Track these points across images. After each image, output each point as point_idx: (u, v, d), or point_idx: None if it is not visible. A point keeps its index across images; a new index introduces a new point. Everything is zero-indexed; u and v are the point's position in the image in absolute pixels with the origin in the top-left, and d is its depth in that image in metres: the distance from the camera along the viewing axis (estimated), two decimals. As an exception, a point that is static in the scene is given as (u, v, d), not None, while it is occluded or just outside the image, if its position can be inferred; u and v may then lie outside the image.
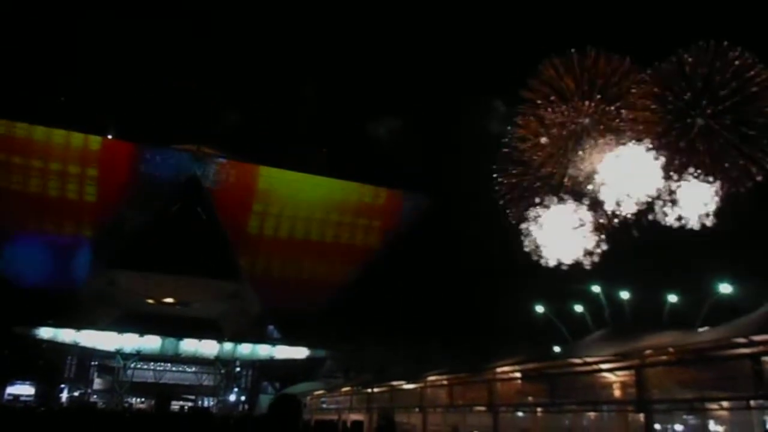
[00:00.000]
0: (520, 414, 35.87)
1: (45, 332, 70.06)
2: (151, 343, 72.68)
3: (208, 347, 75.15)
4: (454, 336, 70.27)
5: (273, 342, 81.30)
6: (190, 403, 69.43)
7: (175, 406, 55.29)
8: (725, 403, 24.65)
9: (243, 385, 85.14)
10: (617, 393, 28.75)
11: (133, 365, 74.12)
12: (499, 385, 35.51)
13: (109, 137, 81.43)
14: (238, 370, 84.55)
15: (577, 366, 30.21)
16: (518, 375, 34.54)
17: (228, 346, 75.67)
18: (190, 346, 74.40)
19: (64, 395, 76.31)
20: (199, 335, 74.04)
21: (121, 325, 71.84)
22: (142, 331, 71.42)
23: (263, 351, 78.36)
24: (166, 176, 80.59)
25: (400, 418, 42.88)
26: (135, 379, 74.89)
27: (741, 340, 22.69)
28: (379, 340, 73.05)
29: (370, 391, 53.52)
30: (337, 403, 64.72)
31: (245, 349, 77.23)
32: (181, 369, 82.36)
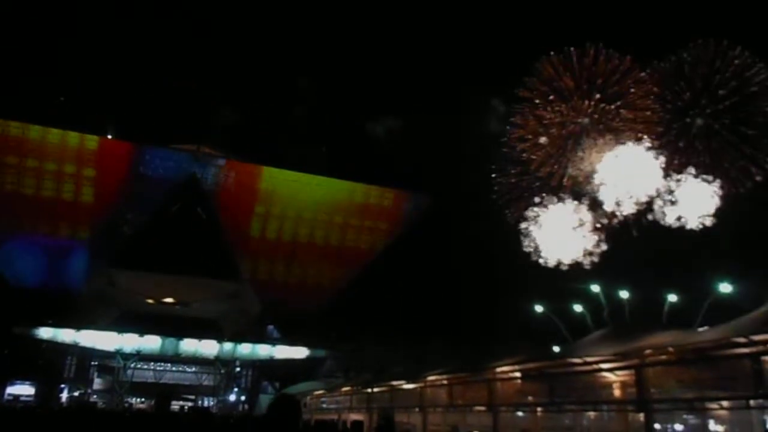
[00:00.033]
0: (520, 414, 35.87)
1: (45, 332, 69.87)
2: (151, 343, 72.57)
3: (208, 347, 75.06)
4: (454, 336, 70.22)
5: (273, 342, 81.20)
6: (190, 403, 69.36)
7: (175, 406, 55.24)
8: (725, 403, 24.68)
9: (243, 385, 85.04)
10: (617, 392, 28.78)
11: (133, 365, 73.99)
12: (499, 384, 35.54)
13: (109, 137, 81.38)
14: (238, 370, 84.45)
15: (577, 366, 30.23)
16: (518, 375, 34.58)
17: (228, 346, 75.57)
18: (190, 346, 74.29)
19: (64, 395, 76.19)
20: (199, 335, 73.93)
21: (121, 325, 71.69)
22: (142, 331, 71.31)
23: (263, 351, 78.25)
24: (166, 176, 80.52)
25: (400, 418, 42.91)
26: (135, 379, 74.72)
27: (741, 340, 22.73)
28: (379, 340, 73.05)
29: (370, 391, 53.50)
30: (337, 403, 64.71)
31: (245, 349, 77.11)
32: (181, 369, 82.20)
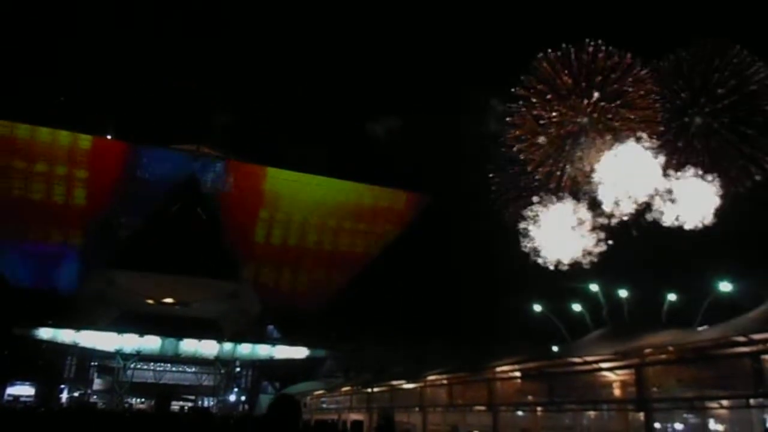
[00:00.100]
0: (520, 413, 35.87)
1: (45, 332, 69.81)
2: (151, 343, 72.52)
3: (208, 347, 75.01)
4: (454, 336, 70.22)
5: (273, 342, 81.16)
6: (190, 404, 69.33)
7: (175, 406, 55.22)
8: (725, 402, 24.68)
9: (243, 385, 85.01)
10: (617, 392, 28.77)
11: (132, 365, 73.93)
12: (499, 384, 35.53)
13: (108, 137, 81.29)
14: (238, 370, 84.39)
15: (576, 365, 30.22)
16: (518, 374, 34.56)
17: (228, 346, 75.52)
18: (189, 346, 74.23)
19: (64, 396, 76.16)
20: (199, 335, 73.85)
21: (121, 325, 71.59)
22: (142, 331, 71.25)
23: (263, 351, 78.21)
24: (164, 176, 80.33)
25: (400, 418, 42.90)
26: (135, 380, 74.62)
27: (740, 339, 22.73)
28: (379, 340, 73.03)
29: (370, 390, 53.47)
30: (337, 403, 64.69)
31: (245, 349, 77.06)
32: (181, 369, 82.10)
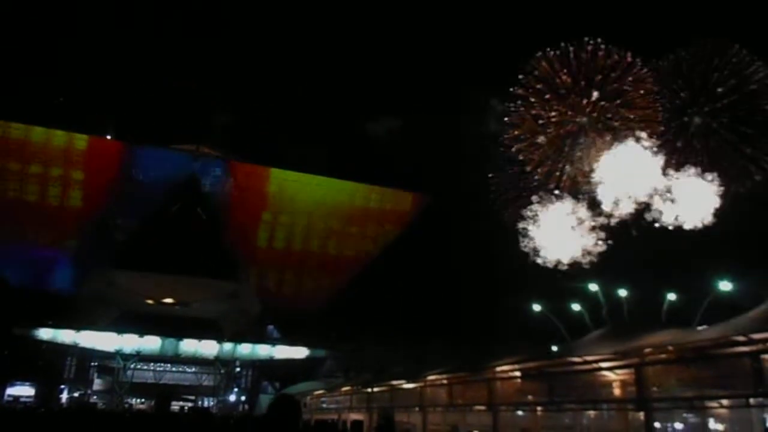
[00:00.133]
0: (520, 413, 35.87)
1: (45, 333, 69.82)
2: (151, 343, 72.52)
3: (208, 347, 75.00)
4: (454, 336, 70.22)
5: (273, 342, 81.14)
6: (190, 404, 69.31)
7: (175, 406, 55.19)
8: (725, 401, 24.68)
9: (243, 385, 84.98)
10: (617, 391, 28.77)
11: (132, 366, 73.93)
12: (499, 384, 35.53)
13: (107, 137, 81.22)
14: (238, 370, 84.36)
15: (576, 365, 30.22)
16: (518, 374, 34.56)
17: (228, 346, 75.51)
18: (189, 346, 74.24)
19: (64, 396, 76.15)
20: (199, 335, 73.82)
21: (121, 325, 71.56)
22: (142, 331, 71.24)
23: (263, 351, 78.20)
24: (163, 176, 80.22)
25: (400, 418, 42.89)
26: (135, 380, 74.59)
27: (740, 338, 22.73)
28: (379, 340, 73.02)
29: (370, 390, 53.47)
30: (337, 403, 64.68)
31: (245, 349, 77.05)
32: (181, 369, 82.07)
